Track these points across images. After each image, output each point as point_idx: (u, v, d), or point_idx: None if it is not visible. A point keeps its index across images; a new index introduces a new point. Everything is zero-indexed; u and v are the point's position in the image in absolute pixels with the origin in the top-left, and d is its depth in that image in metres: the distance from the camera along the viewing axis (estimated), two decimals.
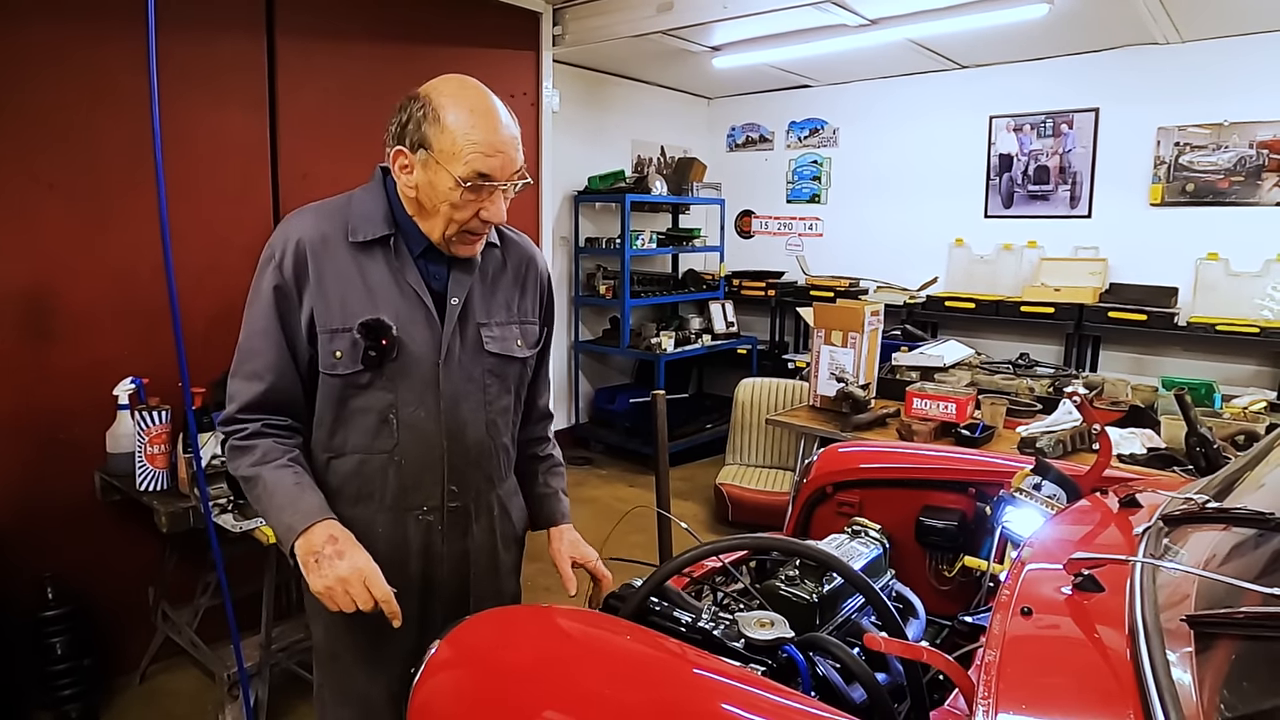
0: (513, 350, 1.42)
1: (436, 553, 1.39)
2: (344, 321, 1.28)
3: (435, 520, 1.37)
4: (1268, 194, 4.10)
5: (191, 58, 2.71)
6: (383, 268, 1.31)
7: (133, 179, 2.57)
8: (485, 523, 1.44)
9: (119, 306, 2.64)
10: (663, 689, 0.97)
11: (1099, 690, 0.79)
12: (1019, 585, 0.99)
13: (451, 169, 1.22)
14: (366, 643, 1.37)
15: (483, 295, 1.39)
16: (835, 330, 3.35)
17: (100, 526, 2.64)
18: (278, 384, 1.30)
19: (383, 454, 1.33)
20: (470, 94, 1.25)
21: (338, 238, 1.30)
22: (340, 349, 1.28)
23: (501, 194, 1.26)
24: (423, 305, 1.32)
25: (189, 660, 2.71)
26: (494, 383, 1.40)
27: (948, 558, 1.66)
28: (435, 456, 1.34)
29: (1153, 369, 4.32)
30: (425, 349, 1.32)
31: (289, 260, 1.28)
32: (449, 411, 1.34)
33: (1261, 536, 0.97)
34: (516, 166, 1.27)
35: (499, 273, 1.43)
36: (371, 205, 1.33)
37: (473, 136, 1.21)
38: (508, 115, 1.27)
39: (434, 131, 1.23)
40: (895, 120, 5.39)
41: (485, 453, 1.40)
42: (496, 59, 3.70)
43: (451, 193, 1.23)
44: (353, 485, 1.35)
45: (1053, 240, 4.80)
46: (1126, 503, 1.28)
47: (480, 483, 1.41)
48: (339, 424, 1.33)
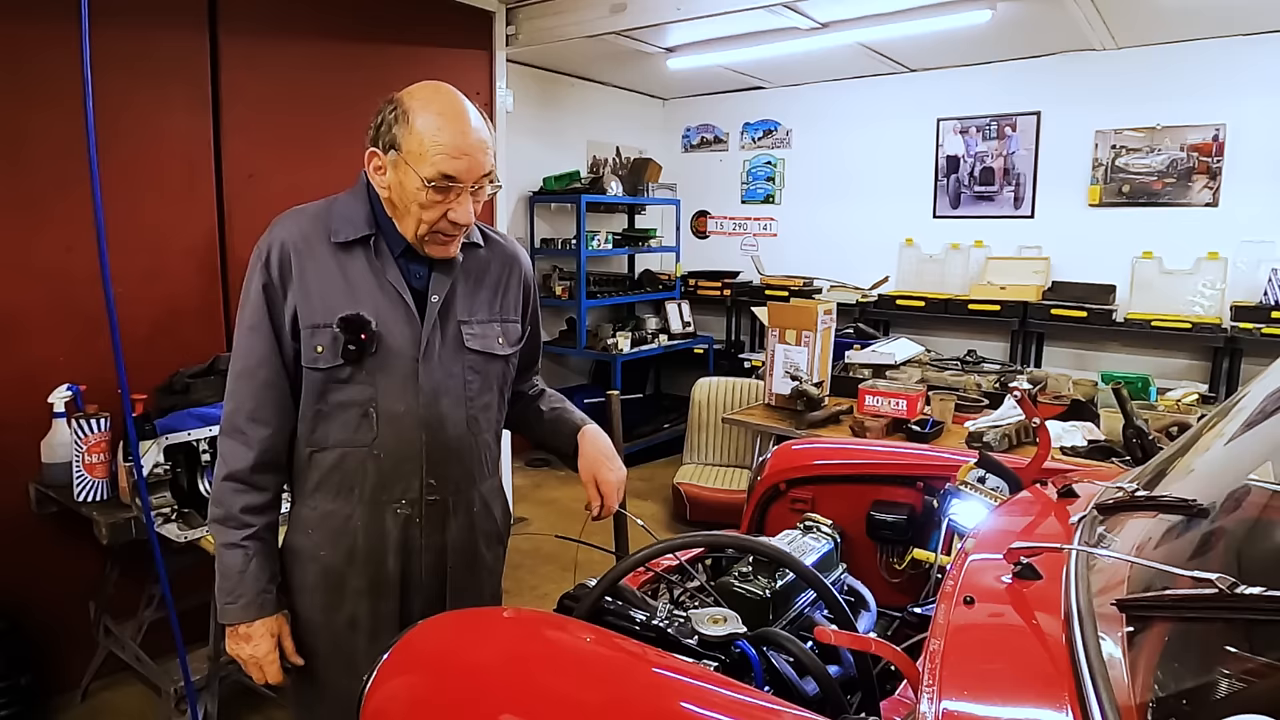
0: (494, 348, 1.45)
1: (414, 547, 1.41)
2: (325, 317, 1.33)
3: (413, 514, 1.39)
4: (1198, 195, 4.28)
5: (130, 54, 2.62)
6: (364, 266, 1.36)
7: (68, 179, 2.48)
8: (464, 518, 1.45)
9: (54, 310, 2.54)
10: (617, 687, 0.97)
11: (1036, 674, 0.81)
12: (962, 575, 1.02)
13: (419, 170, 1.26)
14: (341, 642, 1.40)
15: (465, 294, 1.43)
16: (790, 329, 3.39)
17: (36, 540, 2.54)
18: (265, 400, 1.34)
19: (362, 447, 1.36)
20: (441, 98, 1.30)
21: (320, 239, 1.36)
22: (321, 343, 1.33)
23: (469, 196, 1.30)
24: (402, 302, 1.36)
25: (134, 676, 2.62)
26: (475, 379, 1.43)
27: (898, 551, 1.70)
28: (414, 449, 1.37)
29: (1093, 364, 4.47)
30: (405, 344, 1.35)
31: (274, 260, 1.34)
32: (428, 405, 1.37)
33: (1189, 521, 1.02)
34: (484, 170, 1.30)
35: (482, 272, 1.46)
36: (353, 207, 1.39)
37: (439, 139, 1.26)
38: (479, 119, 1.31)
39: (403, 133, 1.28)
40: (847, 122, 5.49)
41: (465, 447, 1.43)
42: (449, 58, 3.66)
43: (419, 193, 1.28)
44: (334, 479, 1.38)
45: (998, 240, 4.93)
46: (1064, 493, 1.32)
47: (459, 477, 1.43)
48: (320, 418, 1.37)
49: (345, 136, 3.19)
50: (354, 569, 1.38)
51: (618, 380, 5.12)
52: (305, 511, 1.41)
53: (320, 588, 1.40)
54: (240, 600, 1.34)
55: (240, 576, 1.34)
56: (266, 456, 1.36)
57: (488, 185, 1.34)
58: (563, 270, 5.46)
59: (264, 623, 1.36)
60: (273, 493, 1.39)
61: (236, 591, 1.34)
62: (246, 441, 1.35)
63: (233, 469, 1.35)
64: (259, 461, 1.35)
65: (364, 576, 1.39)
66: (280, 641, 1.38)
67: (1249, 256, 4.12)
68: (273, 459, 1.37)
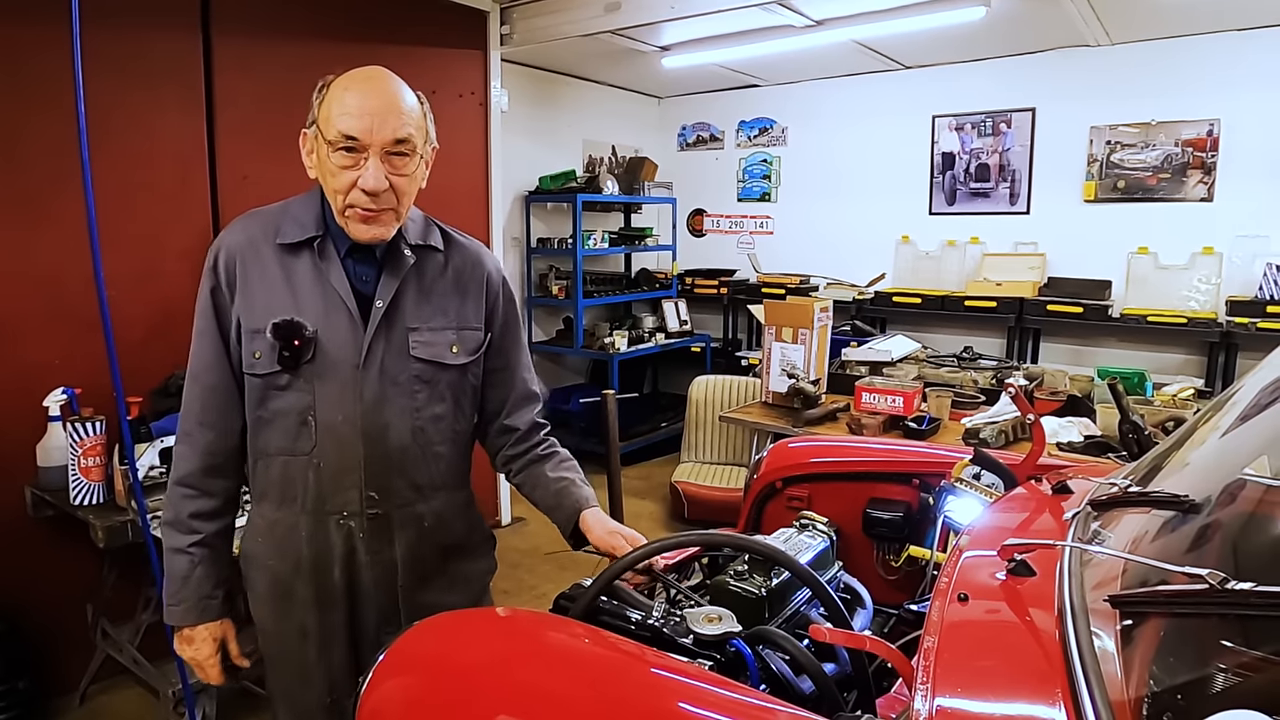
0: (444, 356, 1.38)
1: (359, 560, 1.36)
2: (263, 322, 1.30)
3: (356, 527, 1.35)
4: (1192, 190, 4.28)
5: (123, 56, 2.62)
6: (308, 270, 1.32)
7: (62, 181, 2.48)
8: (411, 533, 1.39)
9: (49, 313, 2.54)
10: (612, 687, 0.97)
11: (1030, 670, 0.82)
12: (956, 572, 1.02)
13: (326, 134, 1.24)
14: (292, 650, 1.39)
15: (415, 299, 1.37)
16: (786, 327, 3.39)
17: (32, 543, 2.54)
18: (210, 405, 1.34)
19: (302, 455, 1.33)
20: (361, 71, 1.28)
21: (266, 242, 1.33)
22: (259, 349, 1.30)
23: (378, 161, 1.23)
24: (344, 307, 1.31)
25: (132, 679, 2.62)
26: (422, 389, 1.37)
27: (894, 548, 1.70)
28: (353, 460, 1.33)
29: (1090, 359, 4.47)
30: (345, 351, 1.31)
31: (222, 264, 1.32)
32: (367, 415, 1.32)
33: (1184, 516, 1.02)
34: (395, 134, 1.24)
35: (437, 277, 1.40)
36: (304, 209, 1.35)
37: (346, 100, 1.23)
38: (397, 88, 1.27)
39: (319, 104, 1.27)
40: (842, 120, 5.49)
41: (411, 459, 1.37)
42: (444, 58, 3.66)
43: (326, 161, 1.25)
44: (277, 488, 1.36)
45: (994, 236, 4.94)
46: (1059, 489, 1.32)
47: (404, 490, 1.38)
48: (261, 424, 1.34)
49: None
50: (301, 579, 1.36)
51: (615, 379, 5.12)
52: (255, 518, 1.40)
53: (271, 595, 1.39)
54: (183, 604, 1.34)
55: (184, 581, 1.34)
56: (214, 460, 1.35)
57: (413, 159, 1.28)
58: (559, 270, 5.46)
59: (206, 627, 1.36)
60: (222, 498, 1.38)
61: (180, 595, 1.34)
62: (193, 445, 1.35)
63: (181, 474, 1.35)
64: (206, 465, 1.35)
65: (310, 586, 1.36)
66: (226, 645, 1.39)
67: (1243, 251, 4.13)
68: (221, 464, 1.36)
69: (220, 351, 1.33)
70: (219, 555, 1.38)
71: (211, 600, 1.36)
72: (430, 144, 1.35)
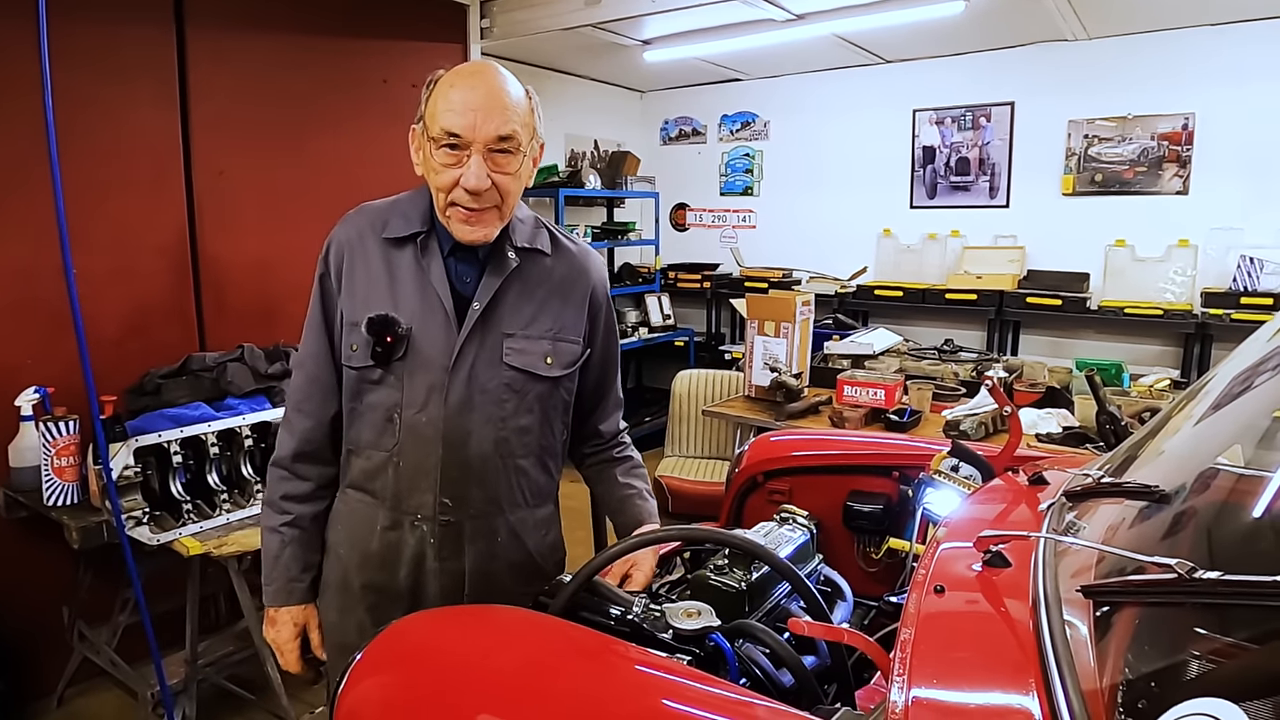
0: (537, 367, 1.34)
1: (427, 566, 1.34)
2: (361, 316, 1.30)
3: (428, 531, 1.33)
4: (1168, 183, 4.33)
5: (93, 49, 2.57)
6: (410, 265, 1.32)
7: (31, 176, 2.43)
8: (483, 546, 1.35)
9: (19, 311, 2.50)
10: (592, 683, 0.97)
11: (1004, 660, 0.82)
12: (933, 564, 1.03)
13: (430, 130, 1.23)
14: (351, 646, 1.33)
15: (515, 304, 1.33)
16: (768, 320, 3.40)
17: (5, 545, 2.50)
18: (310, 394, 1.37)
19: (385, 452, 1.33)
20: (470, 66, 1.28)
21: (373, 236, 1.33)
22: (356, 342, 1.31)
23: (480, 159, 1.21)
24: (441, 307, 1.30)
25: (110, 681, 2.59)
26: (511, 398, 1.33)
27: (874, 540, 1.71)
28: (430, 463, 1.31)
29: (1068, 351, 4.52)
30: (436, 351, 1.29)
31: (332, 255, 1.35)
32: (451, 419, 1.29)
33: (1158, 505, 1.03)
34: (499, 131, 1.21)
35: (541, 282, 1.36)
36: (412, 205, 1.35)
37: (450, 96, 1.21)
38: (502, 83, 1.24)
39: (426, 100, 1.26)
40: (824, 113, 5.50)
41: (491, 470, 1.33)
42: (423, 52, 3.62)
43: (431, 159, 1.24)
44: (361, 480, 1.37)
45: (974, 229, 4.97)
46: (1035, 480, 1.33)
47: (480, 502, 1.34)
48: (354, 417, 1.35)
49: (317, 131, 3.19)
50: (366, 573, 1.36)
51: None
52: (340, 505, 1.41)
53: (337, 587, 1.39)
54: (273, 585, 1.37)
55: (275, 561, 1.37)
56: (308, 447, 1.37)
57: (517, 157, 1.25)
58: None
59: (288, 611, 1.37)
60: (314, 483, 1.39)
61: (270, 575, 1.37)
62: (290, 431, 1.38)
63: (277, 456, 1.39)
64: (300, 451, 1.37)
65: (375, 581, 1.35)
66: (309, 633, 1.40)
67: (1218, 244, 4.18)
68: (314, 450, 1.38)
69: (324, 342, 1.35)
70: (309, 539, 1.39)
71: (297, 584, 1.37)
72: (538, 140, 1.32)
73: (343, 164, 3.20)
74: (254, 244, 3.03)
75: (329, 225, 1.39)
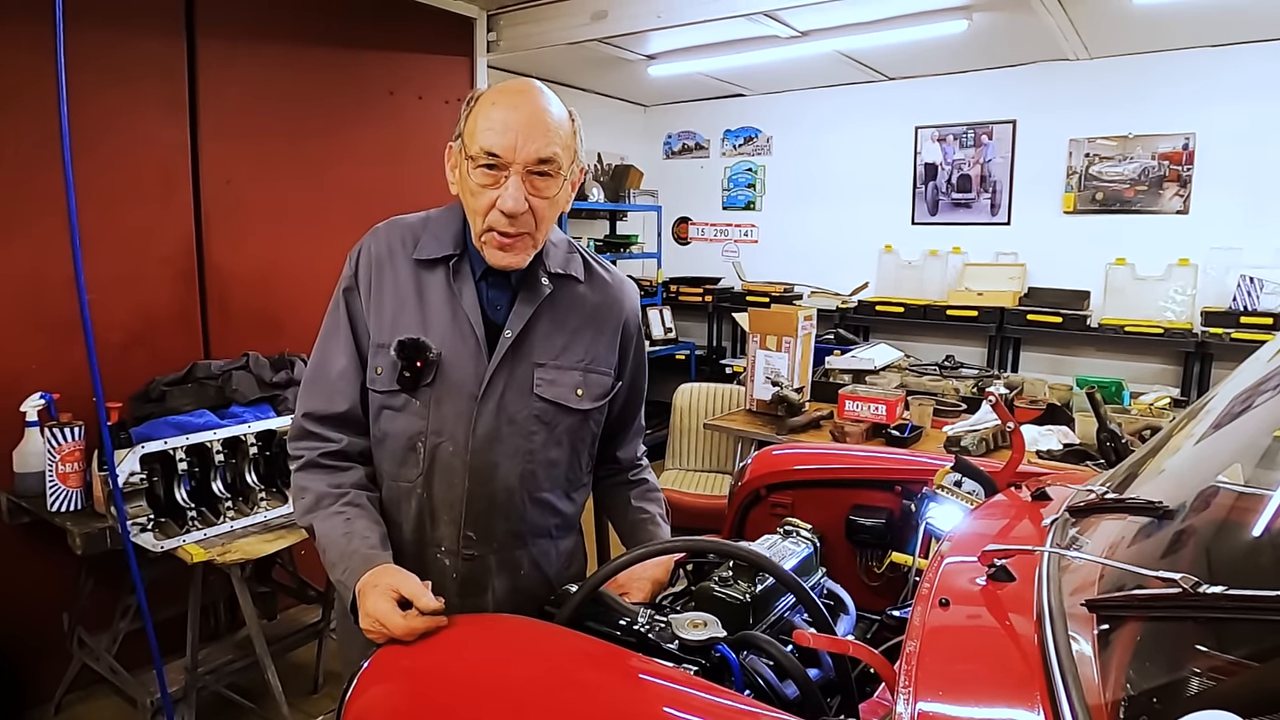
0: (567, 399, 1.30)
1: (451, 605, 1.21)
2: (390, 338, 1.25)
3: (450, 565, 1.29)
4: (1168, 202, 4.36)
5: (105, 58, 2.60)
6: (441, 288, 1.27)
7: (42, 184, 2.45)
8: (507, 581, 1.32)
9: (27, 317, 2.51)
10: (598, 693, 0.98)
11: (1010, 674, 0.83)
12: (938, 578, 1.04)
13: (469, 149, 1.19)
14: None
15: (547, 332, 1.29)
16: (770, 335, 3.41)
17: (7, 550, 2.50)
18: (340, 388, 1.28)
19: (406, 483, 1.28)
20: (512, 84, 1.23)
21: (404, 253, 1.28)
22: (381, 365, 1.26)
23: (519, 181, 1.16)
24: (473, 333, 1.25)
25: (109, 688, 2.58)
26: (540, 430, 1.29)
27: (877, 554, 1.71)
28: (455, 495, 1.27)
29: (1068, 369, 4.54)
30: (466, 379, 1.24)
31: (362, 268, 1.29)
32: (478, 451, 1.25)
33: (1160, 522, 1.04)
34: (539, 153, 1.17)
35: (574, 310, 1.32)
36: (443, 225, 1.30)
37: (491, 114, 1.17)
38: (545, 103, 1.20)
39: (465, 117, 1.22)
40: (826, 129, 5.54)
41: (516, 505, 1.29)
42: (430, 64, 3.65)
43: (468, 178, 1.19)
44: (385, 510, 1.30)
45: (975, 246, 5.00)
46: (1038, 496, 1.34)
47: (504, 537, 1.30)
48: (376, 444, 1.30)
49: (325, 143, 3.21)
50: None
51: None
52: None
53: None
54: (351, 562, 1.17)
55: (347, 540, 1.19)
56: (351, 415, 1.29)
57: (556, 180, 1.21)
58: None
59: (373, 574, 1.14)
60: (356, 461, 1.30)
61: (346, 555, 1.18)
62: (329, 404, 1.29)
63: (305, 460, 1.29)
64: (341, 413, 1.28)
65: None
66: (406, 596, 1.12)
67: (1218, 263, 4.21)
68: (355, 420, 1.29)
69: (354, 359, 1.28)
70: (371, 513, 1.26)
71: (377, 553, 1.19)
72: (578, 164, 1.28)
73: (349, 174, 3.23)
74: (260, 253, 3.04)
75: (335, 235, 1.37)
